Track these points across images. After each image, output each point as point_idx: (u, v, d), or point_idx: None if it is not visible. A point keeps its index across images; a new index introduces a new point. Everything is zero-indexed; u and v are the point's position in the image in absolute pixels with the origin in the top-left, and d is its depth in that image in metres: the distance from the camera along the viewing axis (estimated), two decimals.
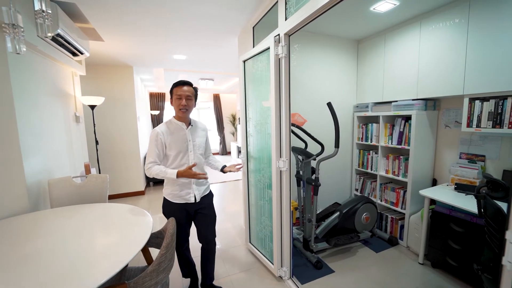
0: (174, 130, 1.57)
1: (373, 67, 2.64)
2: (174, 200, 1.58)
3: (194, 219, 1.69)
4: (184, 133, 1.58)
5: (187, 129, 1.59)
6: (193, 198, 1.60)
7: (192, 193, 1.59)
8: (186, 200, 1.59)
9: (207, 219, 1.69)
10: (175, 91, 1.55)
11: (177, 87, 1.55)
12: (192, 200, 1.59)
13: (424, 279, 1.92)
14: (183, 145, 1.57)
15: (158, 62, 3.70)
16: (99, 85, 3.69)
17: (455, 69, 1.90)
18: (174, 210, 1.59)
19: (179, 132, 1.57)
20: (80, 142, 2.67)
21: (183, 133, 1.58)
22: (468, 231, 1.75)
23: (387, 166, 2.57)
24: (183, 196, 1.58)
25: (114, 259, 1.06)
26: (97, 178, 2.00)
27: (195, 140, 1.62)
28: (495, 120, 1.72)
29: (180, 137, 1.56)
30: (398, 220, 2.45)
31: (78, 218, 1.52)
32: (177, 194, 1.57)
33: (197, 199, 1.61)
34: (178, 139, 1.56)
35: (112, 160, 3.86)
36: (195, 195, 1.60)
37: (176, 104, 1.54)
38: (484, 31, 1.72)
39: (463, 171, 2.05)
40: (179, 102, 1.53)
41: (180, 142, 1.56)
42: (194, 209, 1.63)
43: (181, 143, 1.56)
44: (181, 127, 1.58)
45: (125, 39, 2.64)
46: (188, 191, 1.58)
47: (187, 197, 1.59)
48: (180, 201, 1.58)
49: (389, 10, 2.03)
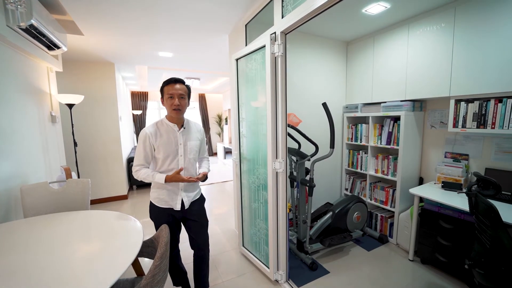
0: (164, 132, 1.46)
1: (362, 69, 2.68)
2: (160, 204, 1.50)
3: (184, 225, 1.60)
4: (175, 136, 1.47)
5: (179, 131, 1.48)
6: (180, 205, 1.50)
7: (179, 199, 1.50)
8: (171, 206, 1.50)
9: (197, 224, 1.59)
10: (167, 89, 1.42)
11: (168, 85, 1.42)
12: (178, 208, 1.50)
13: (414, 275, 1.97)
14: (173, 148, 1.46)
15: (142, 59, 3.52)
16: (77, 82, 3.44)
17: (441, 71, 1.97)
18: (161, 215, 1.50)
19: (169, 134, 1.46)
20: (56, 144, 2.45)
21: (174, 135, 1.47)
22: (457, 228, 1.82)
23: (376, 166, 2.63)
24: (169, 201, 1.49)
25: (102, 275, 0.95)
26: (78, 183, 1.84)
27: (187, 144, 1.50)
28: (479, 121, 1.80)
29: (170, 139, 1.46)
30: (388, 218, 2.51)
31: (56, 228, 1.37)
32: (163, 199, 1.49)
33: (186, 205, 1.52)
34: (168, 141, 1.45)
35: (92, 163, 3.61)
36: (183, 201, 1.51)
37: (168, 104, 1.42)
38: (468, 35, 1.79)
39: (448, 170, 2.14)
40: (171, 102, 1.41)
41: (170, 145, 1.45)
42: (183, 215, 1.54)
43: (171, 146, 1.45)
44: (172, 128, 1.47)
45: (107, 34, 2.47)
46: (175, 196, 1.49)
47: (173, 203, 1.49)
48: (166, 206, 1.50)
49: (380, 12, 2.07)
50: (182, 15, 2.07)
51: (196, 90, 7.55)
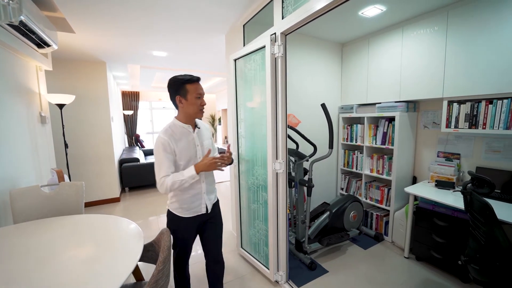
0: (181, 135, 1.34)
1: (357, 70, 2.73)
2: (185, 214, 1.38)
3: (202, 232, 1.50)
4: (192, 138, 1.37)
5: (194, 132, 1.39)
6: (205, 209, 1.43)
7: (203, 202, 1.41)
8: (197, 212, 1.40)
9: (218, 230, 1.52)
10: (193, 88, 1.29)
11: (194, 84, 1.31)
12: (204, 211, 1.42)
13: (410, 272, 2.02)
14: (192, 151, 1.36)
15: (135, 58, 3.44)
16: (67, 82, 3.32)
17: (435, 73, 2.03)
18: (184, 226, 1.40)
19: (187, 137, 1.35)
20: (46, 146, 2.36)
21: (191, 137, 1.37)
22: (451, 225, 1.88)
23: (372, 165, 2.68)
24: (194, 208, 1.39)
25: (104, 283, 0.92)
26: (71, 186, 1.78)
27: (203, 144, 1.42)
28: (471, 121, 1.87)
29: (188, 142, 1.35)
30: (383, 217, 2.56)
31: (50, 234, 1.32)
32: (187, 207, 1.38)
33: (209, 209, 1.44)
34: (187, 145, 1.34)
35: (83, 165, 3.50)
36: (207, 204, 1.43)
37: (196, 104, 1.31)
38: (461, 39, 1.85)
39: (441, 169, 2.20)
40: (199, 102, 1.31)
41: (189, 148, 1.35)
42: (204, 220, 1.46)
43: (190, 149, 1.35)
44: (187, 130, 1.36)
45: (100, 32, 2.40)
46: (199, 202, 1.40)
47: (198, 208, 1.40)
48: (191, 215, 1.39)
49: (375, 15, 2.11)
50: (180, 14, 2.03)
51: None
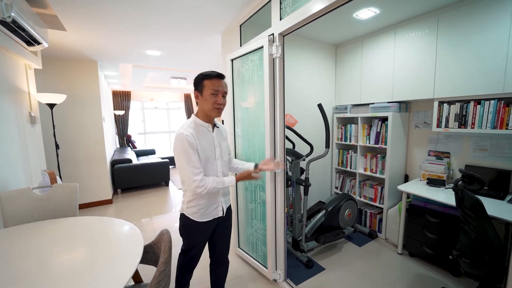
0: (202, 133, 1.29)
1: (351, 71, 2.78)
2: (203, 218, 1.33)
3: (212, 234, 1.46)
4: (212, 137, 1.33)
5: (214, 132, 1.34)
6: (221, 211, 1.40)
7: (220, 205, 1.38)
8: (214, 215, 1.37)
9: (227, 233, 1.51)
10: (209, 84, 1.23)
11: (212, 80, 1.24)
12: (220, 214, 1.39)
13: (404, 268, 2.08)
14: (212, 150, 1.31)
15: (128, 57, 3.38)
16: (57, 81, 3.22)
17: (426, 74, 2.10)
18: (201, 231, 1.37)
19: (207, 136, 1.31)
20: (36, 147, 2.28)
21: (211, 136, 1.32)
22: (442, 221, 1.95)
23: (365, 164, 2.74)
24: (212, 211, 1.35)
25: (104, 286, 0.90)
26: (64, 188, 1.73)
27: (221, 145, 1.37)
28: (461, 121, 1.94)
29: (208, 141, 1.30)
30: (377, 215, 2.62)
31: (44, 238, 1.29)
32: (205, 212, 1.33)
33: (224, 211, 1.41)
34: (207, 144, 1.30)
35: (75, 166, 3.40)
36: (223, 207, 1.40)
37: (211, 102, 1.23)
38: (450, 42, 1.93)
39: (432, 167, 2.28)
40: (214, 99, 1.23)
41: (209, 148, 1.30)
42: (218, 223, 1.42)
43: (210, 149, 1.30)
44: (207, 129, 1.32)
45: (92, 30, 2.34)
46: (217, 205, 1.37)
47: (216, 211, 1.37)
48: (209, 218, 1.35)
49: (369, 17, 2.16)
50: (176, 12, 2.01)
51: (182, 90, 7.39)
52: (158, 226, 3.06)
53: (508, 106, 1.69)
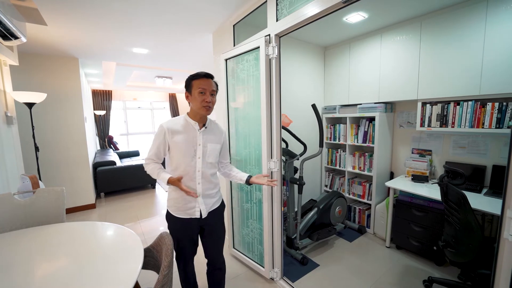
0: (183, 129, 1.34)
1: (339, 73, 2.87)
2: (177, 214, 1.37)
3: (200, 234, 1.47)
4: (195, 135, 1.34)
5: (200, 131, 1.35)
6: (198, 213, 1.37)
7: (197, 207, 1.37)
8: (191, 215, 1.37)
9: (215, 237, 1.48)
10: (197, 83, 1.29)
11: (199, 79, 1.30)
12: (197, 215, 1.37)
13: (392, 260, 2.19)
14: (191, 148, 1.33)
15: (112, 54, 3.24)
16: (36, 79, 3.01)
17: (410, 77, 2.23)
18: (179, 227, 1.38)
19: (189, 133, 1.34)
20: (13, 149, 2.12)
21: (194, 134, 1.34)
22: (427, 214, 2.07)
23: (354, 163, 2.84)
24: (187, 210, 1.36)
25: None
26: (50, 192, 1.63)
27: (207, 146, 1.37)
28: (442, 121, 2.08)
29: (189, 138, 1.33)
30: (365, 211, 2.73)
31: (31, 247, 1.20)
32: (180, 207, 1.36)
33: (203, 214, 1.38)
34: (186, 140, 1.33)
35: (55, 169, 3.19)
36: (201, 209, 1.37)
37: (199, 100, 1.28)
38: (432, 46, 2.06)
39: (416, 164, 2.41)
40: (202, 98, 1.28)
41: (188, 145, 1.33)
42: (200, 224, 1.42)
43: (189, 146, 1.33)
44: (193, 127, 1.35)
45: (75, 25, 2.22)
46: (193, 204, 1.36)
47: (191, 211, 1.37)
48: (185, 216, 1.36)
49: (358, 21, 2.25)
50: (166, 10, 1.96)
51: (166, 90, 7.20)
52: (147, 229, 2.96)
53: (484, 107, 1.85)
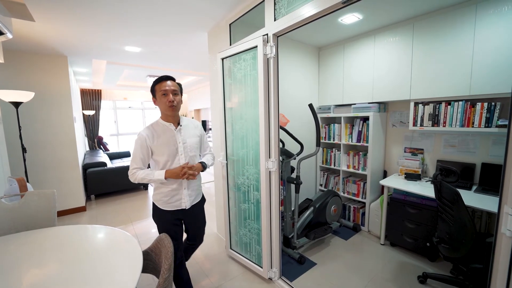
0: (161, 133, 1.43)
1: (333, 73, 2.91)
2: (164, 206, 1.46)
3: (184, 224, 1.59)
4: (173, 135, 1.45)
5: (176, 130, 1.46)
6: (184, 204, 1.49)
7: (184, 198, 1.48)
8: (177, 206, 1.48)
9: (196, 225, 1.62)
10: (159, 87, 1.40)
11: (160, 83, 1.40)
12: (183, 206, 1.49)
13: (387, 257, 2.23)
14: (172, 148, 1.43)
15: (103, 53, 3.15)
16: (22, 77, 2.88)
17: (403, 77, 2.28)
18: (167, 220, 1.48)
19: (167, 134, 1.44)
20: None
21: (172, 134, 1.45)
22: (420, 212, 2.13)
23: (348, 162, 2.88)
24: (174, 202, 1.47)
25: None
26: (40, 196, 1.57)
27: (186, 141, 1.48)
28: (434, 120, 2.14)
29: (168, 139, 1.43)
30: (360, 209, 2.78)
31: (22, 252, 1.15)
32: (167, 201, 1.45)
33: (187, 205, 1.50)
34: (167, 142, 1.42)
35: (43, 171, 3.07)
36: (186, 201, 1.49)
37: (163, 102, 1.39)
38: (424, 48, 2.11)
39: (408, 163, 2.47)
40: (165, 99, 1.39)
41: (169, 145, 1.43)
42: (184, 216, 1.53)
43: (170, 146, 1.43)
44: (168, 128, 1.45)
45: (65, 21, 2.14)
46: (179, 196, 1.47)
47: (178, 203, 1.47)
48: (170, 208, 1.47)
49: (352, 22, 2.28)
50: (160, 6, 1.92)
51: None
52: (140, 232, 2.90)
53: (474, 107, 1.91)
